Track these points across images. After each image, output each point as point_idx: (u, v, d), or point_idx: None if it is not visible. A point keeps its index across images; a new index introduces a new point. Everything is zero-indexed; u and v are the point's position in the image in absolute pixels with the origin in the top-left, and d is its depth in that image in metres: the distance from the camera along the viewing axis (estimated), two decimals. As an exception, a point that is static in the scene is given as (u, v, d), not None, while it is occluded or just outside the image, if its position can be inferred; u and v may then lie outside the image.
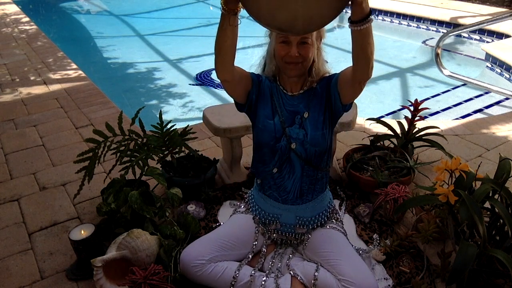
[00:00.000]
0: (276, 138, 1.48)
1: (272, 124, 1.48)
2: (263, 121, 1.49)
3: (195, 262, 1.45)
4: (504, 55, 4.36)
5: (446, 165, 1.55)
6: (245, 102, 1.50)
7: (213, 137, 2.80)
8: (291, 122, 1.49)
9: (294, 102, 1.49)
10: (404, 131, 2.33)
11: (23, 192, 2.27)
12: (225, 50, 1.29)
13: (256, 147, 1.55)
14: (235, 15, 1.20)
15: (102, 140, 1.91)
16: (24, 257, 1.80)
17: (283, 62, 1.40)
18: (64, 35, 7.22)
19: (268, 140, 1.48)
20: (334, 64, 1.45)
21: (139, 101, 4.22)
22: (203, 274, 1.45)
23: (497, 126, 2.93)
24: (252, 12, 1.10)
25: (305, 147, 1.47)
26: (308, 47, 1.36)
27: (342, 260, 1.43)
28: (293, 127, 1.48)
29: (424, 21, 6.34)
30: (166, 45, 6.20)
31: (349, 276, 1.37)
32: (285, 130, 1.47)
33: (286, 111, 1.49)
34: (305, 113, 1.47)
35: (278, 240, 1.65)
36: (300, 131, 1.47)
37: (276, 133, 1.48)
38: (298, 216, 1.57)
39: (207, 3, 9.46)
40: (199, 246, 1.50)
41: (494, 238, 1.54)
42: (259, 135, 1.51)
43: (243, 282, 1.45)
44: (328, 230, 1.59)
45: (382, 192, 1.87)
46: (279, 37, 1.36)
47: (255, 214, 1.63)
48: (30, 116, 3.26)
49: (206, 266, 1.45)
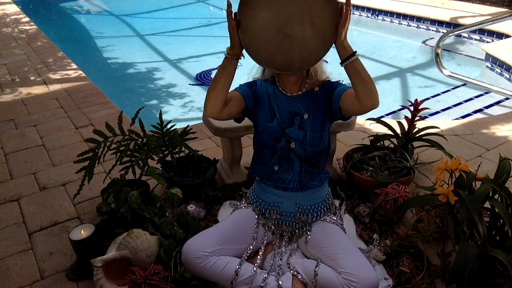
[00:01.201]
0: (275, 139, 1.52)
1: (271, 126, 1.53)
2: (263, 124, 1.54)
3: (198, 253, 1.45)
4: (504, 55, 4.36)
5: (446, 165, 1.55)
6: (242, 116, 1.56)
7: (213, 137, 2.80)
8: (291, 123, 1.53)
9: (294, 103, 1.52)
10: (404, 131, 2.33)
11: (23, 192, 2.27)
12: (220, 87, 1.38)
13: (257, 148, 1.59)
14: (237, 59, 1.35)
15: (102, 140, 1.91)
16: (24, 257, 1.81)
17: None
18: (64, 35, 7.22)
19: (268, 141, 1.53)
20: (334, 64, 1.45)
21: (139, 101, 4.22)
22: (205, 266, 1.45)
23: (497, 126, 2.93)
24: (254, 56, 1.31)
25: (304, 147, 1.52)
26: None
27: (342, 253, 1.45)
28: (293, 128, 1.52)
29: (424, 21, 6.34)
30: (166, 45, 6.20)
31: (349, 268, 1.38)
32: (285, 131, 1.51)
33: (285, 111, 1.53)
34: (305, 114, 1.51)
35: (278, 233, 1.65)
36: (299, 132, 1.52)
37: (276, 134, 1.52)
38: (298, 204, 1.60)
39: (207, 3, 9.47)
40: (201, 239, 1.51)
41: (494, 238, 1.55)
42: (260, 137, 1.55)
43: (244, 277, 1.46)
44: (328, 224, 1.60)
45: (382, 192, 1.87)
46: None
47: (255, 206, 1.66)
48: (30, 116, 3.26)
49: (209, 258, 1.46)
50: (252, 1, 1.23)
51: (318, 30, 1.22)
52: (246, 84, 1.57)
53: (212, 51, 5.76)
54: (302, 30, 1.21)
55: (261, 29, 1.24)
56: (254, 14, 1.23)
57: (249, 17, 1.24)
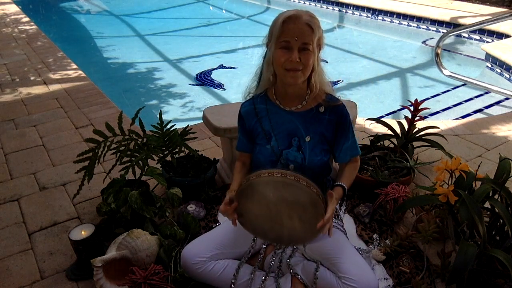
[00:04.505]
0: (272, 162, 1.47)
1: (269, 148, 1.47)
2: (260, 148, 1.50)
3: (195, 259, 1.45)
4: (504, 55, 4.36)
5: (446, 165, 1.55)
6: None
7: (213, 137, 2.80)
8: (288, 144, 1.46)
9: (292, 119, 1.45)
10: (404, 131, 2.33)
11: (23, 192, 2.27)
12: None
13: (255, 166, 1.55)
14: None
15: (102, 140, 1.91)
16: (24, 257, 1.80)
17: (283, 68, 1.34)
18: (64, 35, 7.22)
19: (265, 164, 1.47)
20: (334, 64, 1.45)
21: (139, 101, 4.22)
22: (203, 272, 1.45)
23: (497, 126, 2.93)
24: (248, 230, 1.41)
25: (303, 170, 1.44)
26: (309, 53, 1.32)
27: (343, 258, 1.43)
28: (291, 150, 1.46)
29: (424, 21, 6.34)
30: (166, 45, 6.20)
31: (350, 274, 1.37)
32: (282, 153, 1.46)
33: (282, 131, 1.46)
34: (307, 137, 1.44)
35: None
36: (298, 154, 1.45)
37: (272, 157, 1.47)
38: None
39: (207, 3, 9.47)
40: (199, 244, 1.50)
41: (494, 238, 1.54)
42: (257, 159, 1.51)
43: (243, 281, 1.45)
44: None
45: (382, 192, 1.87)
46: (279, 42, 1.32)
47: None
48: (30, 116, 3.26)
49: (207, 263, 1.46)
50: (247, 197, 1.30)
51: (306, 223, 1.28)
52: (240, 131, 1.55)
53: (212, 51, 5.76)
54: (291, 222, 1.29)
55: (255, 217, 1.34)
56: (248, 207, 1.32)
57: (243, 208, 1.33)
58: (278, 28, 1.30)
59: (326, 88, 1.44)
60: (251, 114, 1.50)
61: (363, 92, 4.21)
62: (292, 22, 1.29)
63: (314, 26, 1.30)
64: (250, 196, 1.29)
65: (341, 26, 6.98)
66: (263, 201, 1.27)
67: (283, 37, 1.30)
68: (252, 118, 1.50)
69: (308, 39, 1.29)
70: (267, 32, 1.39)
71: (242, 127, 1.54)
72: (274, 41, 1.33)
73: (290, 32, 1.29)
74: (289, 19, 1.29)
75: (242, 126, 1.54)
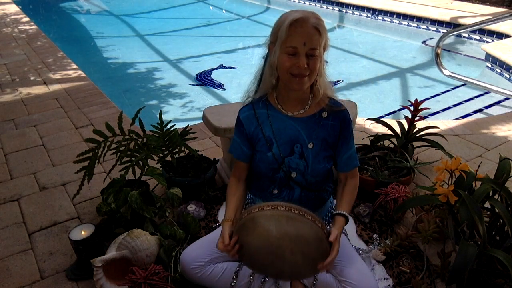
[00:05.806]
0: (274, 169, 1.40)
1: (270, 156, 1.39)
2: (260, 156, 1.41)
3: (194, 264, 1.44)
4: (504, 55, 4.36)
5: (446, 165, 1.55)
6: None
7: (213, 137, 2.80)
8: (290, 151, 1.39)
9: (294, 125, 1.37)
10: (404, 131, 2.33)
11: (23, 192, 2.27)
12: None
13: (255, 175, 1.50)
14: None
15: (102, 140, 1.91)
16: (24, 257, 1.80)
17: (288, 74, 1.26)
18: (64, 35, 7.22)
19: (267, 172, 1.41)
20: (334, 64, 1.45)
21: (139, 101, 4.22)
22: (202, 276, 1.44)
23: (497, 126, 2.93)
24: (247, 265, 1.37)
25: (305, 178, 1.41)
26: (316, 58, 1.25)
27: (343, 261, 1.42)
28: (293, 157, 1.39)
29: (424, 21, 6.34)
30: (166, 45, 6.20)
31: (350, 278, 1.37)
32: (284, 161, 1.39)
33: (284, 137, 1.38)
34: (310, 144, 1.37)
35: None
36: (300, 162, 1.38)
37: (274, 165, 1.40)
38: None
39: (207, 3, 9.47)
40: (198, 248, 1.49)
41: (494, 238, 1.54)
42: (258, 167, 1.44)
43: (243, 283, 1.45)
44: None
45: (382, 192, 1.87)
46: (286, 47, 1.23)
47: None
48: (30, 116, 3.26)
49: (206, 267, 1.45)
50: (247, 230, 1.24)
51: (309, 259, 1.24)
52: (238, 138, 1.45)
53: (212, 51, 5.76)
54: (293, 257, 1.24)
55: (256, 250, 1.27)
56: (248, 241, 1.26)
57: (243, 241, 1.27)
58: (284, 31, 1.21)
59: (329, 92, 1.38)
60: (251, 120, 1.41)
61: (363, 92, 4.22)
62: (300, 26, 1.20)
63: (321, 29, 1.23)
64: (251, 229, 1.23)
65: (341, 26, 6.98)
66: (265, 235, 1.21)
67: (289, 42, 1.22)
68: (253, 123, 1.41)
69: (316, 43, 1.22)
70: (270, 33, 1.30)
71: (241, 134, 1.44)
72: (279, 44, 1.24)
73: (298, 37, 1.21)
74: (296, 22, 1.20)
75: (241, 133, 1.44)
